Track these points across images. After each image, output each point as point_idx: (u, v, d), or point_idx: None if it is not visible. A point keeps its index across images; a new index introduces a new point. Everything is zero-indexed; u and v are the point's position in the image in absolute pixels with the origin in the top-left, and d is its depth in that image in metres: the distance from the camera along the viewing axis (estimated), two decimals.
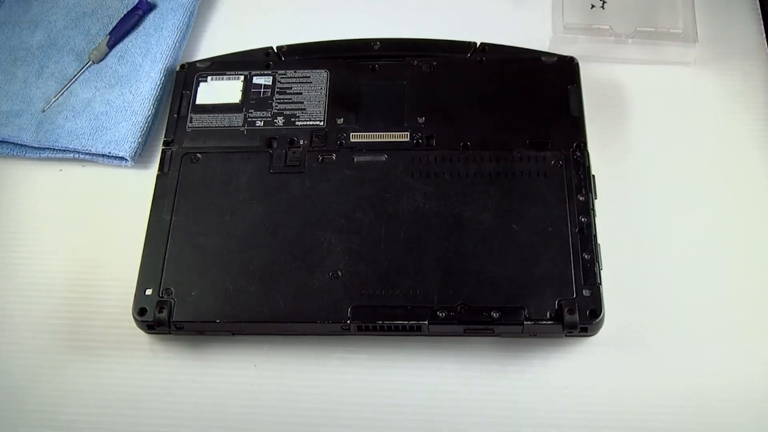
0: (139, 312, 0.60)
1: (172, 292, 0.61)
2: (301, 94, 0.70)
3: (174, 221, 0.64)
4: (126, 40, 0.76)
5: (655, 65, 0.72)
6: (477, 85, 0.69)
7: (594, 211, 0.62)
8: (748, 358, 0.59)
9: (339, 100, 0.69)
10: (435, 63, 0.70)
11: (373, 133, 0.67)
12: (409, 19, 0.77)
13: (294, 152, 0.67)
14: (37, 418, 0.60)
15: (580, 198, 0.62)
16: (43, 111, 0.72)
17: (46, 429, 0.59)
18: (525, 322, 0.58)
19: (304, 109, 0.69)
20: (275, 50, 0.73)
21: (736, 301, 0.61)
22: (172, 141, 0.68)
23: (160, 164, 0.67)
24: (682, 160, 0.68)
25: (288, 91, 0.70)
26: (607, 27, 0.72)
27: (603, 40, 0.72)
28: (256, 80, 0.71)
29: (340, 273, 0.60)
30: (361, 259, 0.61)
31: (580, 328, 0.58)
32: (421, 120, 0.67)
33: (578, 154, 0.64)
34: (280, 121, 0.68)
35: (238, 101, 0.70)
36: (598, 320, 0.58)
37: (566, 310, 0.58)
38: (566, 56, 0.69)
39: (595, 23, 0.72)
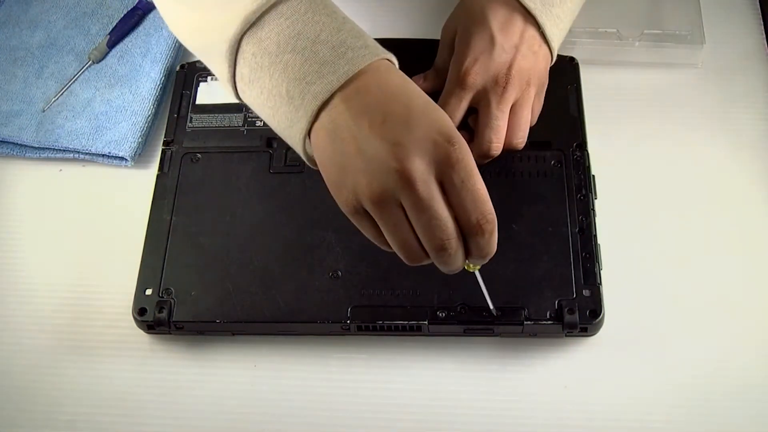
0: (139, 312, 0.60)
1: (172, 292, 0.61)
2: None
3: (174, 221, 0.64)
4: (126, 40, 0.76)
5: (658, 67, 0.72)
6: None
7: (594, 211, 0.62)
8: (747, 358, 0.59)
9: None
10: None
11: None
12: (409, 19, 0.77)
13: (294, 152, 0.66)
14: (37, 418, 0.60)
15: (580, 198, 0.62)
16: (43, 111, 0.72)
17: (46, 429, 0.59)
18: (525, 322, 0.58)
19: None
20: None
21: (735, 301, 0.61)
22: (172, 141, 0.68)
23: (160, 164, 0.67)
24: (682, 160, 0.68)
25: None
26: (614, 30, 0.71)
27: (610, 43, 0.72)
28: None
29: (340, 273, 0.60)
30: (361, 259, 0.61)
31: (580, 328, 0.58)
32: None
33: (578, 154, 0.64)
34: None
35: (237, 101, 0.69)
36: (598, 320, 0.58)
37: (566, 310, 0.58)
38: (566, 56, 0.69)
39: (602, 27, 0.72)
